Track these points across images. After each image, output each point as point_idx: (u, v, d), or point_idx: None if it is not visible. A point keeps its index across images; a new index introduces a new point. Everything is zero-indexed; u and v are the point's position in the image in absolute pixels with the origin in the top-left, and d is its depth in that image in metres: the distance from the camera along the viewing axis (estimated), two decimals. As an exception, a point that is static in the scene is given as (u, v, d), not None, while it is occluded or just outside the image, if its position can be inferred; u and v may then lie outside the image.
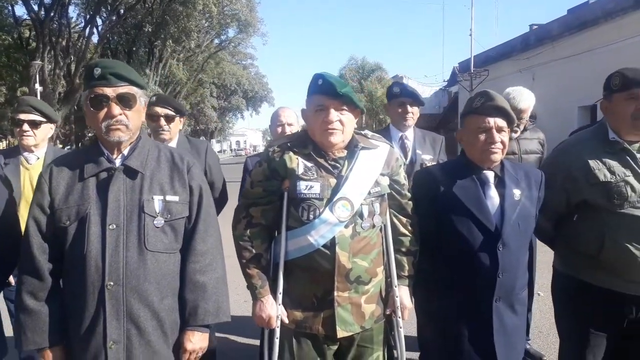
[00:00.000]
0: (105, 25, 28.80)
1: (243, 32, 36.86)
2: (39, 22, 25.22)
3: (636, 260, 2.09)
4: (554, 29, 18.57)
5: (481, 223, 2.05)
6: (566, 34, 17.55)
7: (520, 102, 3.38)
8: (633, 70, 2.22)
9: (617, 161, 2.18)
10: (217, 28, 32.41)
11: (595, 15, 16.02)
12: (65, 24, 27.24)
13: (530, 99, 3.42)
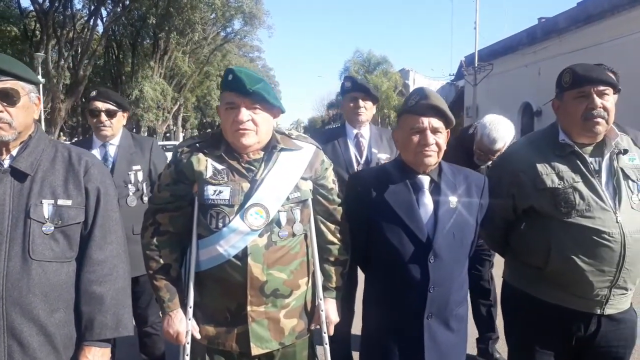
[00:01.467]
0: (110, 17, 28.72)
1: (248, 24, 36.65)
2: (43, 13, 25.21)
3: (583, 273, 1.91)
4: (560, 22, 18.20)
5: (412, 232, 1.88)
6: (573, 27, 17.19)
7: (497, 142, 3.04)
8: (584, 66, 2.03)
9: (567, 165, 1.99)
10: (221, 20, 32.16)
11: (602, 8, 15.67)
12: (69, 16, 27.21)
13: (507, 136, 3.07)
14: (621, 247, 1.88)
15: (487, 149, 3.09)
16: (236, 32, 39.24)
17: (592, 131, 1.96)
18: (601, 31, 15.85)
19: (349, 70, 34.14)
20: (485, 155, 3.13)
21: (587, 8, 16.66)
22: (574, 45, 16.95)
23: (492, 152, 3.08)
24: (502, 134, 3.06)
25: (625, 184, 1.97)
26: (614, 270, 1.90)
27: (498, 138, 3.05)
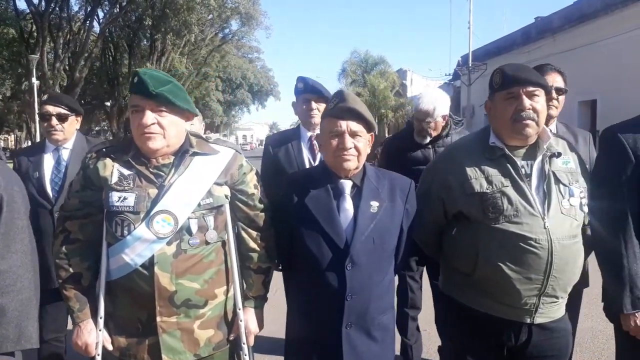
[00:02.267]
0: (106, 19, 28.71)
1: (246, 25, 36.63)
2: (38, 15, 25.22)
3: (510, 281, 1.84)
4: (555, 21, 18.11)
5: (330, 238, 1.82)
6: (566, 26, 17.10)
7: (421, 103, 3.19)
8: (514, 66, 1.96)
9: (498, 169, 1.92)
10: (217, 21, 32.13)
11: (595, 7, 15.57)
12: (65, 17, 27.21)
13: (435, 101, 3.19)
14: (548, 253, 1.81)
15: (419, 114, 3.23)
16: (234, 33, 39.30)
17: (522, 133, 1.89)
18: (595, 30, 15.75)
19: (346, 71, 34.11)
20: (420, 124, 3.24)
21: (581, 7, 16.56)
22: (568, 44, 16.87)
23: (423, 117, 3.20)
24: (428, 98, 3.22)
25: (557, 189, 1.90)
26: (541, 278, 1.83)
27: (424, 101, 3.21)
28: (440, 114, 3.21)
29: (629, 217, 1.91)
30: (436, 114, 3.19)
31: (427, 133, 3.24)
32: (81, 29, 27.52)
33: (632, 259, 1.90)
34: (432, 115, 3.18)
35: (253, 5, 34.47)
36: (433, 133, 3.26)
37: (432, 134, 3.26)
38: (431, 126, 3.21)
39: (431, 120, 3.19)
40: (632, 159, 1.93)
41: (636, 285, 1.89)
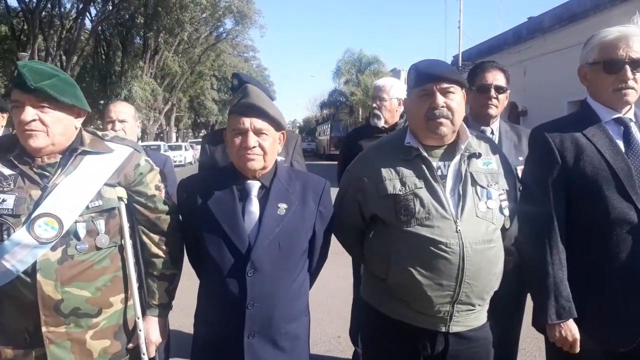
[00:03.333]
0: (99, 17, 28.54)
1: (240, 24, 36.50)
2: (29, 12, 25.03)
3: (421, 287, 1.74)
4: (545, 21, 18.02)
5: (232, 243, 1.72)
6: (557, 26, 17.00)
7: (378, 81, 3.41)
8: (428, 62, 1.88)
9: (413, 170, 1.82)
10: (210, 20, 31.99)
11: (585, 7, 15.48)
12: (57, 15, 27.05)
13: (388, 81, 3.36)
14: (460, 259, 1.71)
15: (374, 92, 3.37)
16: (228, 31, 39.16)
17: (436, 132, 1.80)
18: (584, 30, 15.60)
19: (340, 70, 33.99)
20: (374, 102, 3.34)
21: (571, 7, 16.46)
22: (558, 44, 16.76)
23: (377, 93, 3.31)
24: (386, 78, 3.46)
25: (473, 191, 1.80)
26: (453, 285, 1.73)
27: (381, 79, 3.47)
28: (395, 95, 3.26)
29: (555, 222, 1.82)
30: (391, 93, 3.25)
31: (381, 113, 3.26)
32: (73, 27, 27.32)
33: (557, 266, 1.81)
34: (387, 91, 3.23)
35: (247, 4, 34.37)
36: (387, 115, 3.24)
37: (386, 116, 3.23)
38: (385, 105, 3.24)
39: (385, 98, 3.22)
40: (558, 160, 1.84)
41: (561, 294, 1.80)
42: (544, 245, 1.81)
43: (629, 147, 1.81)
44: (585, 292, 1.81)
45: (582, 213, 1.81)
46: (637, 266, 1.75)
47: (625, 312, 1.77)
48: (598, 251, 1.79)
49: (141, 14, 29.20)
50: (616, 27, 1.85)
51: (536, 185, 1.87)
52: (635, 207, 1.75)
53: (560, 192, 1.83)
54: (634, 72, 1.79)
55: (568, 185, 1.82)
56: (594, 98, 1.92)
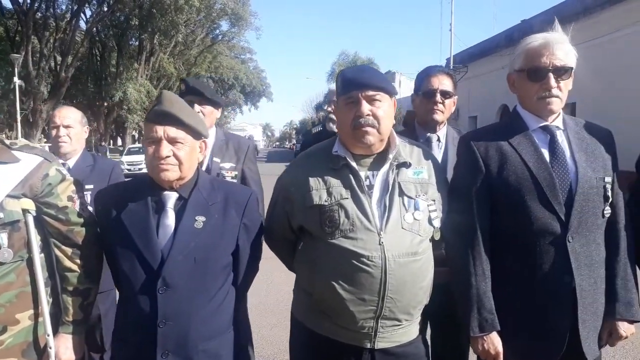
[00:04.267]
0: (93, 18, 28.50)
1: (236, 26, 36.52)
2: (22, 13, 24.97)
3: (343, 302, 1.69)
4: (536, 24, 17.96)
5: (144, 258, 1.66)
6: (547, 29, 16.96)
7: None
8: (355, 69, 1.85)
9: (340, 180, 1.77)
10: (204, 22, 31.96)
11: (575, 10, 15.46)
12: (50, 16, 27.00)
13: None
14: (382, 272, 1.66)
15: (331, 94, 3.40)
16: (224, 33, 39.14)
17: (362, 141, 1.75)
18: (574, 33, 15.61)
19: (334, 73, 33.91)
20: (331, 105, 3.35)
21: (561, 10, 16.45)
22: (549, 47, 16.76)
23: (331, 97, 3.28)
24: None
25: (400, 201, 1.75)
26: (375, 299, 1.68)
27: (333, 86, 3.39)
28: None
29: (479, 232, 1.79)
30: None
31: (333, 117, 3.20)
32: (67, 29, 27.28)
33: (480, 278, 1.77)
34: None
35: (242, 6, 34.37)
36: None
37: None
38: None
39: None
40: (482, 169, 1.80)
41: (484, 306, 1.76)
42: (467, 255, 1.78)
43: (554, 156, 1.78)
44: (510, 304, 1.78)
45: (506, 223, 1.78)
46: (560, 278, 1.71)
47: (549, 324, 1.74)
48: (522, 262, 1.76)
49: (136, 16, 29.14)
50: (541, 34, 1.82)
51: (460, 195, 1.84)
52: (558, 218, 1.71)
53: (485, 201, 1.79)
54: (558, 80, 1.76)
55: (492, 194, 1.79)
56: (522, 106, 1.89)
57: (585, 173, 1.75)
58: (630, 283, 1.81)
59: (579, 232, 1.72)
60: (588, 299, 1.74)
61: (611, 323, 1.81)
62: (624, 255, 1.82)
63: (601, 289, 1.79)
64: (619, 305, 1.79)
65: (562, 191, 1.73)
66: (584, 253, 1.73)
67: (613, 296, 1.80)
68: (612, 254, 1.82)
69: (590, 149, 1.82)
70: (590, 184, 1.74)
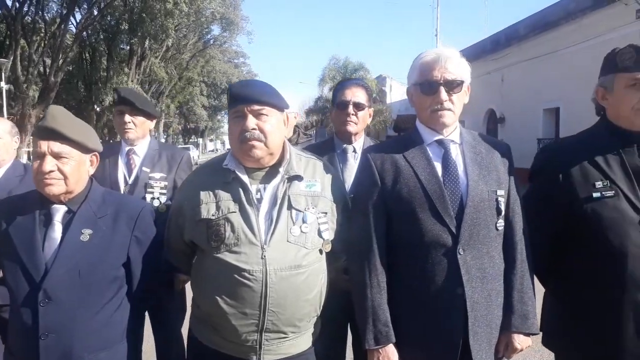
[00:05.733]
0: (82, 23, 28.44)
1: (227, 30, 36.53)
2: (11, 17, 24.89)
3: (225, 316, 1.68)
4: (521, 29, 18.11)
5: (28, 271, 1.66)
6: (531, 34, 17.09)
7: None
8: (241, 83, 1.88)
9: (230, 193, 1.78)
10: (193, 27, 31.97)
11: (558, 16, 15.57)
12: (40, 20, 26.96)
13: None
14: (262, 286, 1.66)
15: None
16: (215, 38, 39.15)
17: (249, 155, 1.76)
18: (558, 38, 15.75)
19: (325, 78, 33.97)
20: None
21: (545, 15, 16.56)
22: (533, 52, 16.87)
23: None
24: None
25: (288, 214, 1.76)
26: (257, 313, 1.68)
27: None
28: (291, 108, 3.11)
29: (375, 244, 1.78)
30: None
31: None
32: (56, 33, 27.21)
33: (376, 290, 1.77)
34: None
35: (233, 11, 34.38)
36: None
37: None
38: None
39: None
40: (378, 182, 1.80)
41: (379, 318, 1.75)
42: (364, 267, 1.78)
43: (446, 169, 1.78)
44: (406, 316, 1.77)
45: (401, 236, 1.78)
46: (452, 289, 1.71)
47: (443, 336, 1.73)
48: (416, 274, 1.76)
49: (126, 20, 29.13)
50: (434, 49, 1.83)
51: (358, 207, 1.85)
52: (449, 230, 1.71)
53: (381, 214, 1.79)
54: (450, 93, 1.76)
55: (388, 207, 1.79)
56: (419, 119, 1.89)
57: (476, 186, 1.75)
58: (527, 295, 1.81)
59: (471, 244, 1.72)
60: (481, 311, 1.74)
61: (507, 336, 1.80)
62: (521, 267, 1.81)
63: (497, 302, 1.79)
64: (514, 318, 1.79)
65: (452, 204, 1.73)
66: (475, 265, 1.73)
67: (509, 309, 1.80)
68: (508, 267, 1.82)
69: (485, 163, 1.82)
70: (481, 197, 1.75)
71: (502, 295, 1.81)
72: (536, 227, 1.91)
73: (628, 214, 1.77)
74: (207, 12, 29.98)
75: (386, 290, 1.77)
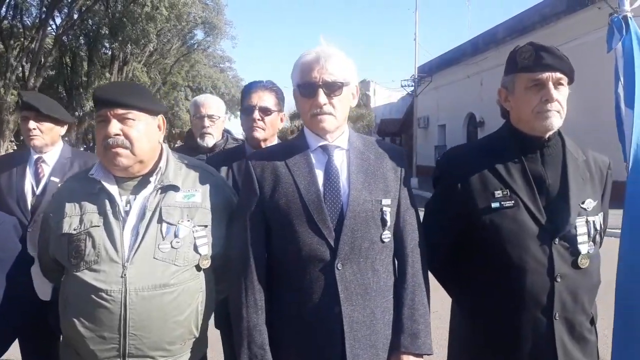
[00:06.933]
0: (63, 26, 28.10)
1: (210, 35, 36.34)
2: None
3: (83, 339, 1.55)
4: (499, 33, 18.18)
5: None
6: (508, 38, 17.13)
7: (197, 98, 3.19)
8: (105, 87, 1.79)
9: (97, 205, 1.64)
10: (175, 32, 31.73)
11: (533, 19, 15.64)
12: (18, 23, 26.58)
13: (207, 96, 3.17)
14: (121, 308, 1.53)
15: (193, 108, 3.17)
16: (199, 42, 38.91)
17: (114, 163, 1.64)
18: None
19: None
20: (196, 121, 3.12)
21: (521, 19, 16.64)
22: (511, 56, 16.89)
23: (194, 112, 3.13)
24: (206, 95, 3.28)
25: (158, 228, 1.62)
26: (116, 337, 1.54)
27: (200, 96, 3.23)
28: (222, 113, 3.06)
29: (251, 260, 1.65)
30: (219, 110, 3.03)
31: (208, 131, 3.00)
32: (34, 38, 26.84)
33: (252, 309, 1.63)
34: (213, 107, 2.99)
35: (217, 15, 34.21)
36: (216, 134, 3.01)
37: (215, 135, 3.01)
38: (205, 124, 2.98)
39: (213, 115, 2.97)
40: (256, 192, 1.67)
41: (254, 340, 1.61)
42: (240, 285, 1.64)
43: (327, 177, 1.65)
44: (285, 336, 1.64)
45: (280, 249, 1.65)
46: (330, 309, 1.58)
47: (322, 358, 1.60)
48: (295, 291, 1.63)
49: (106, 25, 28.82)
50: (315, 48, 1.69)
51: (238, 219, 1.71)
52: (327, 244, 1.58)
53: (259, 226, 1.66)
54: (330, 96, 1.63)
55: (267, 218, 1.66)
56: (304, 124, 1.76)
57: (358, 195, 1.62)
58: (419, 312, 1.67)
59: (351, 258, 1.60)
60: (362, 331, 1.61)
61: (397, 356, 1.67)
62: (412, 282, 1.69)
63: (384, 320, 1.66)
64: (403, 337, 1.65)
65: (331, 215, 1.60)
66: (356, 281, 1.60)
67: (398, 327, 1.67)
68: (399, 281, 1.70)
69: (372, 170, 1.69)
70: (364, 207, 1.62)
71: (391, 312, 1.68)
72: (436, 235, 1.80)
73: (527, 225, 1.66)
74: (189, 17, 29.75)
75: (264, 310, 1.64)
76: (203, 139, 3.08)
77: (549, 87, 1.66)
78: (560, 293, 1.64)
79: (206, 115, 3.02)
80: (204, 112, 2.98)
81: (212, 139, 3.06)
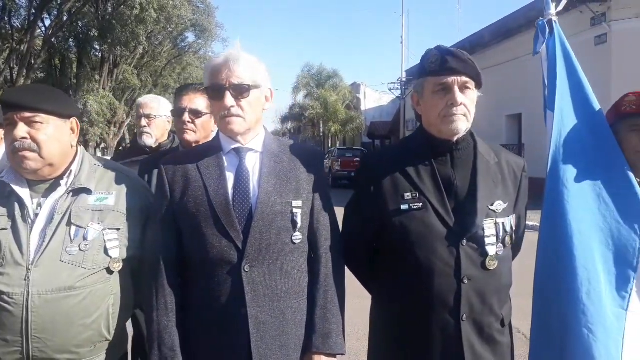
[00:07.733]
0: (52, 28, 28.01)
1: (201, 37, 36.33)
2: (-26, 25, 24.44)
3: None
4: (485, 36, 18.27)
5: None
6: (494, 41, 17.25)
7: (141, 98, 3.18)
8: (15, 89, 1.83)
9: (7, 208, 1.65)
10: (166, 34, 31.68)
11: (519, 23, 15.71)
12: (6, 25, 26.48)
13: (152, 97, 3.16)
14: (23, 311, 1.53)
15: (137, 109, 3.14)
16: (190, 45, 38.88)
17: (22, 167, 1.65)
18: (519, 45, 15.89)
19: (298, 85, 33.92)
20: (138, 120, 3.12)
21: (507, 22, 16.74)
22: (497, 59, 17.03)
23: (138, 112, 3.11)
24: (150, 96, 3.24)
25: (66, 231, 1.63)
26: (19, 340, 1.54)
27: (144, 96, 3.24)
28: (162, 112, 3.02)
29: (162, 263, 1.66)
30: (157, 110, 3.01)
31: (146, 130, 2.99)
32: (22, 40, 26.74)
33: (162, 312, 1.64)
34: (150, 106, 2.98)
35: (207, 18, 34.20)
36: (155, 133, 3.00)
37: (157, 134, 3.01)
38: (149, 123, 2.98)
39: (150, 114, 2.97)
40: (167, 195, 1.68)
41: (164, 342, 1.62)
42: (151, 288, 1.65)
43: (238, 180, 1.66)
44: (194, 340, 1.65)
45: (190, 252, 1.66)
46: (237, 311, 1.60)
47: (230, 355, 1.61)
48: (203, 294, 1.64)
49: (96, 27, 28.73)
50: (226, 51, 1.70)
51: (152, 222, 1.72)
52: (235, 246, 1.60)
53: (170, 229, 1.67)
54: (238, 98, 1.64)
55: (177, 221, 1.67)
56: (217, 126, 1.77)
57: (267, 198, 1.63)
58: (331, 312, 1.69)
59: (260, 260, 1.61)
60: (270, 332, 1.62)
61: (309, 357, 1.68)
62: (325, 282, 1.70)
63: (295, 320, 1.67)
64: (315, 338, 1.67)
65: (240, 217, 1.61)
66: (264, 283, 1.61)
67: (311, 328, 1.69)
68: (312, 283, 1.72)
69: (285, 172, 1.70)
70: (273, 210, 1.63)
71: (304, 313, 1.69)
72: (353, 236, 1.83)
73: (435, 227, 1.67)
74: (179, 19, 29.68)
75: (174, 312, 1.64)
76: (141, 138, 3.09)
77: (455, 91, 1.67)
78: (468, 294, 1.65)
79: (143, 115, 3.03)
80: (142, 111, 3.02)
81: (150, 138, 3.05)
